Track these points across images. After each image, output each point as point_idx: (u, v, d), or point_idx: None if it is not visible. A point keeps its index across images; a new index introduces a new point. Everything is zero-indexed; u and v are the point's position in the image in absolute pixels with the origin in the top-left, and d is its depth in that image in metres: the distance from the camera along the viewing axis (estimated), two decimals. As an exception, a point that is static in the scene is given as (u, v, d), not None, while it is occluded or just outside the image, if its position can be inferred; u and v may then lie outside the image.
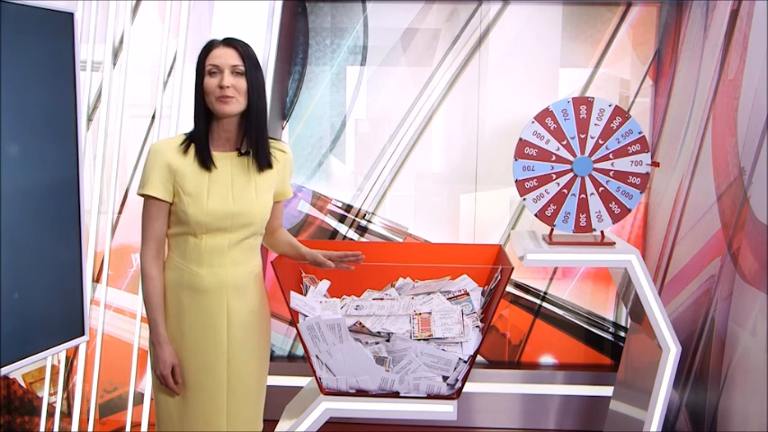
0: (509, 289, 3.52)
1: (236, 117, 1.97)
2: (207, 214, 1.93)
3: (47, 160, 2.20)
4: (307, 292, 2.35)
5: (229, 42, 1.95)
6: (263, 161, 2.00)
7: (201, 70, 1.94)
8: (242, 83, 1.93)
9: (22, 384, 3.39)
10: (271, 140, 2.05)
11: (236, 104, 1.93)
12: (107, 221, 3.27)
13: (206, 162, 1.95)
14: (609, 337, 3.56)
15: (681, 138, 3.13)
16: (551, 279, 3.54)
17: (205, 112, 1.96)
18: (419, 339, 2.14)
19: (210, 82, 1.92)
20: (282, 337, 3.60)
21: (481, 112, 3.46)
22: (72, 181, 2.29)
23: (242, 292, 2.00)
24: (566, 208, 2.60)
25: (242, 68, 1.93)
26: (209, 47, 1.95)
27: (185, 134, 2.01)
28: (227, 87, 1.90)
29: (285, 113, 3.50)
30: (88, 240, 3.18)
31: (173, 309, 1.98)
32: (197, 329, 1.97)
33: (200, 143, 1.96)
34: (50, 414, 3.24)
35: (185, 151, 1.96)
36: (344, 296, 2.40)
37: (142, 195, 1.96)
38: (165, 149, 1.95)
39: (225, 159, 1.98)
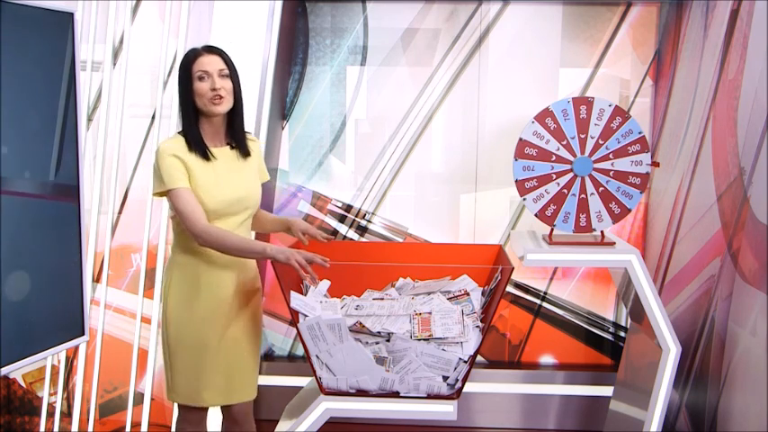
0: (509, 289, 3.52)
1: (223, 115, 2.23)
2: (219, 202, 2.19)
3: (47, 160, 2.20)
4: (307, 292, 2.35)
5: (212, 50, 2.22)
6: (244, 150, 2.29)
7: (189, 76, 2.17)
8: (229, 84, 2.20)
9: (22, 384, 3.39)
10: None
11: (227, 104, 2.20)
12: (107, 221, 3.27)
13: (206, 155, 2.20)
14: (609, 337, 3.56)
15: (681, 138, 3.13)
16: (551, 279, 3.54)
17: (194, 114, 2.20)
18: (419, 339, 2.13)
19: (202, 86, 2.16)
20: (282, 337, 3.60)
21: (481, 112, 3.46)
22: (72, 181, 2.29)
23: (245, 266, 2.31)
24: (566, 208, 2.60)
25: (227, 72, 2.20)
26: (194, 55, 2.19)
27: (179, 134, 2.22)
28: (220, 89, 2.16)
29: (285, 113, 3.50)
30: (88, 240, 3.18)
31: (192, 283, 2.23)
32: (210, 301, 2.23)
33: (197, 140, 2.20)
34: (50, 414, 3.24)
35: (189, 150, 2.18)
36: (344, 296, 2.40)
37: (165, 192, 2.16)
38: (173, 149, 2.17)
39: (221, 153, 2.25)
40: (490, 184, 3.48)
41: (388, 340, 2.15)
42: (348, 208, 3.54)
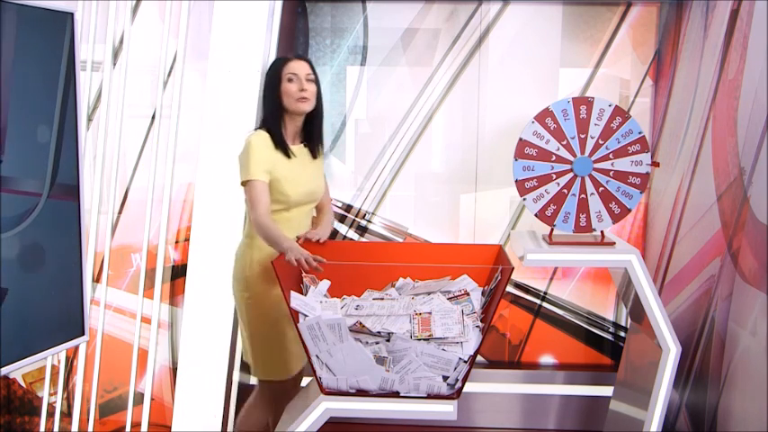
0: (509, 289, 3.52)
1: (304, 115, 2.48)
2: (300, 193, 2.46)
3: (46, 160, 2.20)
4: (307, 292, 2.35)
5: (301, 57, 2.49)
6: (315, 150, 2.56)
7: (278, 78, 2.43)
8: (314, 87, 2.47)
9: (22, 384, 3.39)
10: None
11: (311, 104, 2.46)
12: (107, 221, 3.27)
13: (287, 152, 2.45)
14: (609, 337, 3.56)
15: (681, 138, 3.13)
16: (551, 279, 3.54)
17: (279, 114, 2.46)
18: (419, 339, 2.13)
19: (290, 87, 2.42)
20: (282, 337, 3.60)
21: (481, 112, 3.46)
22: (72, 181, 2.29)
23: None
24: (566, 208, 2.60)
25: (312, 77, 2.47)
26: (285, 61, 2.46)
27: (262, 130, 2.45)
28: (306, 90, 2.42)
29: (285, 113, 3.50)
30: (88, 240, 3.18)
31: (269, 267, 2.38)
32: None
33: (281, 139, 2.45)
34: (50, 414, 3.24)
35: (275, 147, 2.43)
36: (344, 296, 2.40)
37: (247, 182, 2.37)
38: (263, 143, 2.41)
39: (297, 150, 2.50)
40: (490, 184, 3.48)
41: (388, 340, 2.15)
42: (348, 208, 3.54)
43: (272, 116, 2.46)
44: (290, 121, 2.49)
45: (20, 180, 2.09)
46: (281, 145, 2.45)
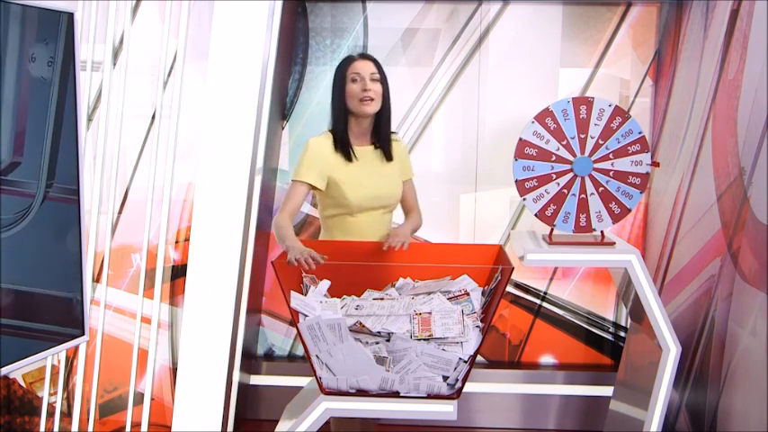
0: (509, 289, 3.52)
1: (371, 117, 2.43)
2: (361, 198, 2.40)
3: (47, 160, 2.20)
4: (307, 292, 2.35)
5: (366, 56, 2.44)
6: (388, 153, 2.48)
7: (343, 79, 2.40)
8: (379, 87, 2.40)
9: (22, 384, 3.39)
10: None
11: (376, 105, 2.40)
12: (107, 221, 3.27)
13: (348, 155, 2.41)
14: (609, 337, 3.56)
15: (681, 138, 3.13)
16: (551, 279, 3.54)
17: (345, 115, 2.42)
18: (419, 339, 2.13)
19: (354, 87, 2.38)
20: (282, 338, 3.60)
21: (481, 112, 3.46)
22: (72, 181, 2.29)
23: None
24: (566, 208, 2.60)
25: (377, 76, 2.40)
26: (350, 60, 2.42)
27: (329, 132, 2.44)
28: (371, 90, 2.36)
29: (285, 113, 3.50)
30: (88, 240, 3.18)
31: None
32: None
33: (343, 141, 2.42)
34: (50, 414, 3.24)
35: (335, 149, 2.41)
36: (344, 296, 2.39)
37: (297, 181, 2.37)
38: (323, 146, 2.40)
39: (365, 152, 2.45)
40: (490, 184, 3.48)
41: (388, 340, 2.15)
42: (348, 208, 3.54)
43: (338, 118, 2.43)
44: (355, 122, 2.45)
45: (20, 180, 2.09)
46: (343, 148, 2.41)
